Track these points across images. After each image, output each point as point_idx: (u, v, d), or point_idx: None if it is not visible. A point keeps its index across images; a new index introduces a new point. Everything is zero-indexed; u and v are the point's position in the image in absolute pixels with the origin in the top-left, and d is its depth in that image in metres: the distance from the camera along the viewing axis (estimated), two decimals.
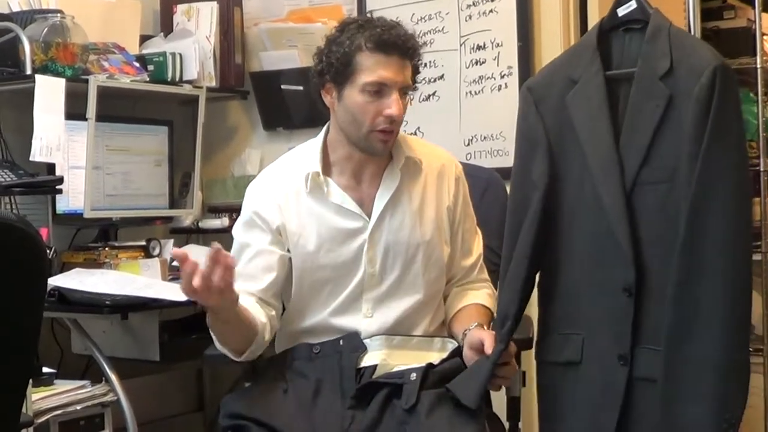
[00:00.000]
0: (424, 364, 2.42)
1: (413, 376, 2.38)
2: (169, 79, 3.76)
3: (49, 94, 3.23)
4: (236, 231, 2.58)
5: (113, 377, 3.02)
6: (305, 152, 2.57)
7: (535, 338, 2.59)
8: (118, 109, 3.67)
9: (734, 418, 2.30)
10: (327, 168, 2.53)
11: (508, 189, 2.91)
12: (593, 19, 3.44)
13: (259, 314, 2.43)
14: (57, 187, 3.26)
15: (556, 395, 2.52)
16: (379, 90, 2.42)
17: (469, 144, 3.64)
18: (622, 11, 2.49)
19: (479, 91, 3.64)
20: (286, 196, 2.53)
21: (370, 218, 2.51)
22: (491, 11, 3.61)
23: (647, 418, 2.38)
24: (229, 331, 2.38)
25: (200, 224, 3.93)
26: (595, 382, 2.44)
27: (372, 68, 2.41)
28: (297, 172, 2.54)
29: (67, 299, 3.00)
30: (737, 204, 2.33)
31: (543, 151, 2.49)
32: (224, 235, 3.12)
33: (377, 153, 2.49)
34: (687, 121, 2.34)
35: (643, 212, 2.40)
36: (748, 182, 2.37)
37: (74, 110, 3.35)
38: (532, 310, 2.94)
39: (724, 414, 2.29)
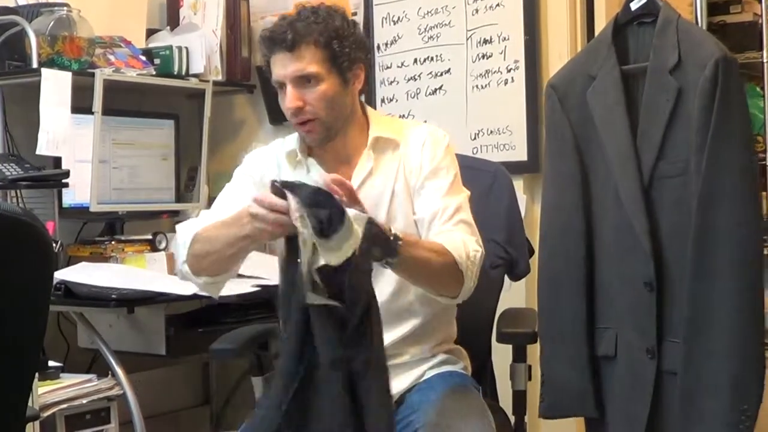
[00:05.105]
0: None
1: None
2: (175, 73, 3.76)
3: (55, 87, 3.24)
4: (223, 190, 2.57)
5: (119, 371, 3.02)
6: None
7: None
8: (125, 102, 3.67)
9: (751, 410, 2.31)
10: (310, 149, 2.51)
11: (515, 183, 2.92)
12: (600, 13, 3.44)
13: None
14: (63, 180, 3.26)
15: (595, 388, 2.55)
16: (280, 86, 2.40)
17: (475, 138, 3.64)
18: (634, 5, 2.49)
19: (486, 85, 3.64)
20: (273, 168, 2.52)
21: None
22: (498, 5, 3.61)
23: (676, 411, 2.39)
24: (226, 256, 2.29)
25: None
26: (627, 375, 2.46)
27: (272, 68, 2.41)
28: (284, 149, 2.53)
29: (73, 293, 3.00)
30: (744, 196, 2.33)
31: (570, 148, 2.50)
32: None
33: (310, 144, 2.47)
34: (694, 113, 2.34)
35: (661, 206, 2.41)
36: (754, 174, 2.37)
37: (80, 104, 3.35)
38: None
39: (740, 406, 2.30)
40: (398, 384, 2.39)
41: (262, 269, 3.00)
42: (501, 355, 2.72)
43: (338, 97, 2.41)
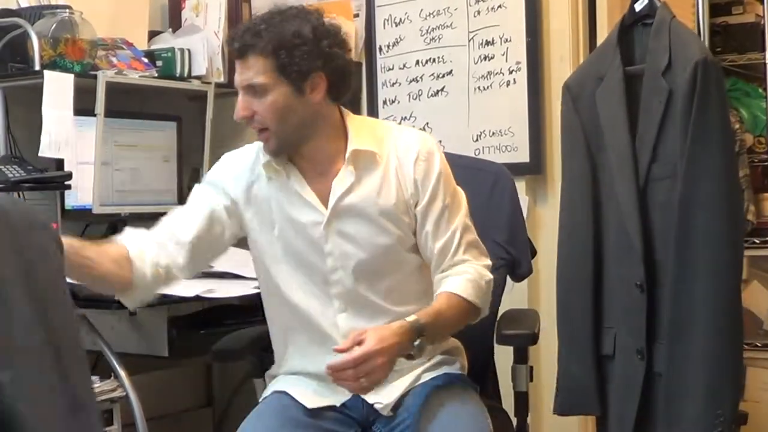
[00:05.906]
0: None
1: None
2: (177, 75, 3.76)
3: (57, 89, 3.24)
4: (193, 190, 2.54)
5: (122, 373, 3.02)
6: None
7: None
8: (127, 104, 3.67)
9: (725, 415, 2.32)
10: (291, 157, 2.44)
11: (517, 184, 2.92)
12: (602, 14, 3.44)
13: (136, 249, 2.33)
14: (66, 182, 3.27)
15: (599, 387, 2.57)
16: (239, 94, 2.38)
17: (477, 140, 3.64)
18: (638, 6, 2.52)
19: (488, 87, 3.64)
20: (252, 174, 2.46)
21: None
22: (500, 6, 3.61)
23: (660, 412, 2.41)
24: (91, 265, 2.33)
25: None
26: (621, 374, 2.48)
27: None
28: (262, 158, 2.45)
29: (75, 295, 2.98)
30: (722, 199, 2.34)
31: (582, 148, 2.52)
32: None
33: (267, 154, 2.41)
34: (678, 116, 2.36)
35: (654, 208, 2.43)
36: (734, 177, 2.39)
37: (83, 106, 3.36)
38: (539, 303, 2.94)
39: (715, 410, 2.31)
40: (395, 388, 2.39)
41: None
42: (503, 356, 2.73)
43: (289, 107, 2.34)
